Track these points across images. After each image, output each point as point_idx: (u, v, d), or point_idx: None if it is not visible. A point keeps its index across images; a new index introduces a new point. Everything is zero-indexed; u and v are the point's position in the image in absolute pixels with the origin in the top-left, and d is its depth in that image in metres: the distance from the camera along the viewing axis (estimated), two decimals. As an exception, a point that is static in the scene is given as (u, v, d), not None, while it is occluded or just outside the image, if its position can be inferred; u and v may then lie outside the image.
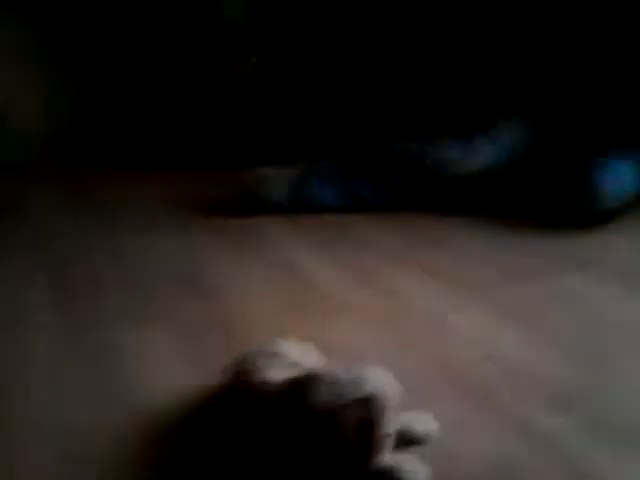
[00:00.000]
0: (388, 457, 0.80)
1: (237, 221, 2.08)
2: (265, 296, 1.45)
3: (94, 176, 2.72)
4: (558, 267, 1.62)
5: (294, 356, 0.93)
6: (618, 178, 1.90)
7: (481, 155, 2.10)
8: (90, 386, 1.07)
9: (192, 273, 1.61)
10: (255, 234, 1.94)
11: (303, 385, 0.80)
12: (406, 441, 0.87)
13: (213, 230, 1.98)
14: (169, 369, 1.11)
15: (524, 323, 1.29)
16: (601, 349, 1.18)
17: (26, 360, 1.17)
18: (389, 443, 0.80)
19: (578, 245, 1.78)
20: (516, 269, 1.60)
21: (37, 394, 1.05)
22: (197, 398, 1.02)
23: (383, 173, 2.14)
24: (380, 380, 0.79)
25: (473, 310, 1.35)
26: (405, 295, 1.45)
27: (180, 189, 2.48)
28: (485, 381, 1.06)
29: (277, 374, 0.87)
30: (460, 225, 2.00)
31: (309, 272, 1.61)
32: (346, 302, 1.41)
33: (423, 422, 0.89)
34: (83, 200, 2.34)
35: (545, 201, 1.96)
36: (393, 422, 0.79)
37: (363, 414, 0.75)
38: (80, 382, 1.08)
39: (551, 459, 0.85)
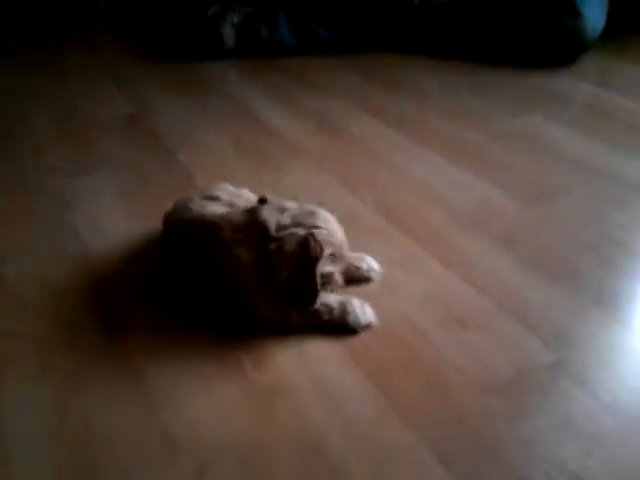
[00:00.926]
0: (334, 297, 0.80)
1: (191, 66, 1.96)
2: (217, 143, 1.40)
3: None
4: (521, 108, 1.57)
5: (229, 198, 0.90)
6: (594, 11, 1.81)
7: None
8: (35, 238, 1.04)
9: (139, 121, 1.53)
10: (209, 80, 1.83)
11: (253, 211, 0.78)
12: (351, 279, 0.87)
13: (165, 77, 1.87)
14: (114, 218, 1.09)
15: (475, 165, 1.27)
16: (550, 188, 1.17)
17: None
18: (333, 280, 0.80)
19: (543, 86, 1.72)
20: (479, 111, 1.55)
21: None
22: (140, 245, 1.00)
23: (342, 9, 1.97)
24: (325, 218, 0.78)
25: (425, 155, 1.32)
26: (359, 139, 1.41)
27: (135, 41, 2.30)
28: (429, 221, 1.06)
29: (214, 211, 0.85)
30: (425, 67, 1.90)
31: (265, 118, 1.54)
32: (301, 146, 1.37)
33: (366, 261, 0.89)
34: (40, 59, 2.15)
35: (522, 35, 1.85)
36: (338, 261, 0.79)
37: (305, 249, 0.73)
38: (25, 234, 1.05)
39: (490, 293, 0.87)
